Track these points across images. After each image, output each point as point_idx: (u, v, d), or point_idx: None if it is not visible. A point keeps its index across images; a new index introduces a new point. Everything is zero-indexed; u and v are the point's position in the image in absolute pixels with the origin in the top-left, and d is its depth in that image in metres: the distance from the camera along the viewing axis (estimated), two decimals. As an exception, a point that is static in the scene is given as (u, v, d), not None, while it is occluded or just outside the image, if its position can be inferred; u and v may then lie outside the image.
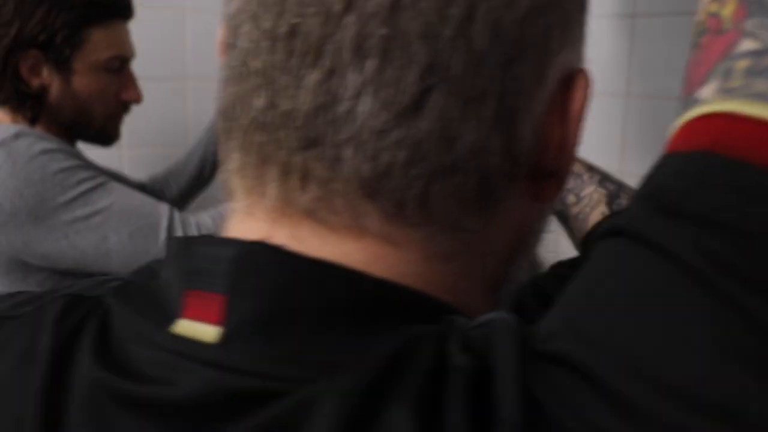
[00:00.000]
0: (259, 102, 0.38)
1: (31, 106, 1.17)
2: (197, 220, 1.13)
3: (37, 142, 1.06)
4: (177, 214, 1.12)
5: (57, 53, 1.15)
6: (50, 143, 1.07)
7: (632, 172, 1.45)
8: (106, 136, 1.29)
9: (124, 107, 1.29)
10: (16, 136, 1.05)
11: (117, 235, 1.07)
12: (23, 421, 0.37)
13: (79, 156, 1.12)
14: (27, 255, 1.07)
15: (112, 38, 1.22)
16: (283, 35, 0.36)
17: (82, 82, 1.19)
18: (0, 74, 1.13)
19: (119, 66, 1.24)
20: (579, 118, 0.42)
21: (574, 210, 0.94)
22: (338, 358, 0.34)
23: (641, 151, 1.43)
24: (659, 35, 1.37)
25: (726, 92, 0.34)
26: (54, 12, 1.13)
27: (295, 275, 0.36)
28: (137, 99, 1.29)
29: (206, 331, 0.36)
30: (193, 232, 1.11)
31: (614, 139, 1.46)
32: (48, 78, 1.17)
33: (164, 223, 1.10)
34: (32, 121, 1.18)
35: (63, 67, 1.17)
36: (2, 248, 1.06)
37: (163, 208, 1.12)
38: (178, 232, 1.10)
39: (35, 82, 1.16)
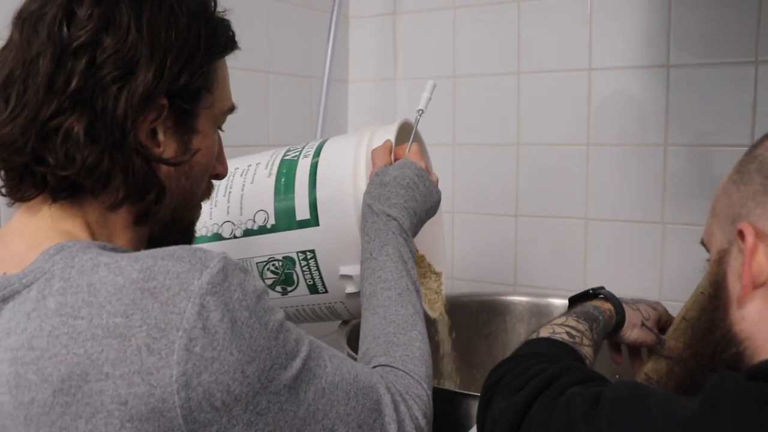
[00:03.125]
0: None
1: (156, 195, 0.73)
2: (407, 400, 0.78)
3: (246, 278, 0.66)
4: (392, 387, 0.77)
5: (191, 101, 0.73)
6: (255, 278, 0.68)
7: (675, 221, 1.46)
8: (192, 233, 0.85)
9: (210, 188, 0.85)
10: (224, 272, 0.63)
11: (346, 427, 0.70)
12: None
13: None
14: None
15: (228, 79, 0.81)
16: None
17: (202, 146, 0.77)
18: (117, 150, 0.69)
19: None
20: None
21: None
22: None
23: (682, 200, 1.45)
24: (696, 84, 1.41)
25: None
26: (194, 35, 0.72)
27: None
28: (225, 173, 0.86)
29: None
30: (417, 413, 0.78)
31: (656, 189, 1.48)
32: (163, 144, 0.73)
33: (386, 399, 0.74)
34: (142, 220, 0.75)
35: (187, 124, 0.74)
36: None
37: (374, 375, 0.76)
38: (402, 411, 0.76)
39: (155, 151, 0.72)
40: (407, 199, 0.94)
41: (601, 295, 1.00)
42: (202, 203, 0.84)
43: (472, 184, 1.65)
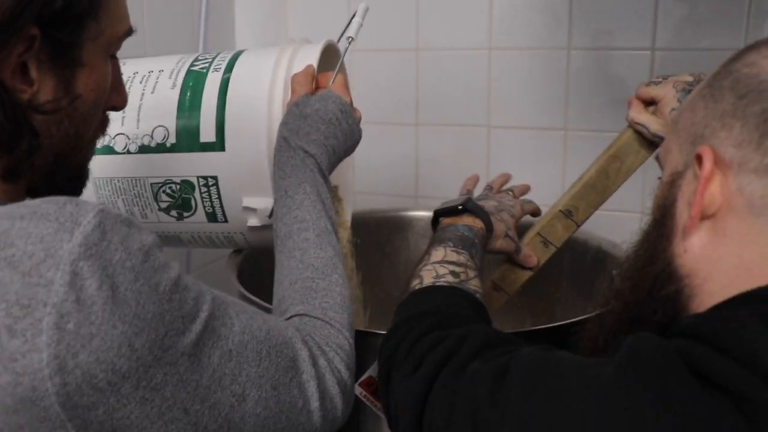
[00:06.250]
0: None
1: (28, 145, 0.62)
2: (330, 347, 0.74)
3: (130, 232, 0.57)
4: (310, 339, 0.72)
5: (71, 30, 0.62)
6: (141, 231, 0.59)
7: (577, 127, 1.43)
8: (83, 175, 0.74)
9: (105, 122, 0.74)
10: (101, 228, 0.54)
11: (258, 389, 0.64)
12: None
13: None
14: None
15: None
16: None
17: (89, 81, 0.66)
18: None
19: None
20: None
21: None
22: None
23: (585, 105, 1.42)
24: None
25: None
26: None
27: None
28: (124, 104, 0.76)
29: None
30: (339, 366, 0.73)
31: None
32: (38, 82, 0.62)
33: (303, 354, 0.69)
34: (12, 175, 0.63)
35: (67, 58, 0.63)
36: None
37: (289, 328, 0.70)
38: (322, 366, 0.71)
39: (25, 93, 0.61)
40: (327, 135, 0.87)
41: (469, 211, 0.95)
42: (99, 135, 0.74)
43: (369, 91, 1.57)
